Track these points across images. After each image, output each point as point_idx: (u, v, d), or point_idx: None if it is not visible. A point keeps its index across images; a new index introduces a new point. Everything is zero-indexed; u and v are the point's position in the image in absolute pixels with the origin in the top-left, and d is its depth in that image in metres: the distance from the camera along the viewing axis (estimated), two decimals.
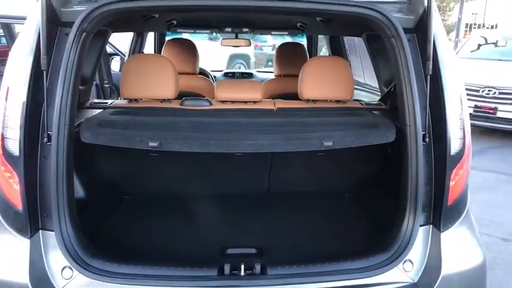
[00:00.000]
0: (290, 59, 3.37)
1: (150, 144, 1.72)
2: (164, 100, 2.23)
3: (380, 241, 1.83)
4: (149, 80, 2.18)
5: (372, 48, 2.50)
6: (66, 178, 1.59)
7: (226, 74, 4.86)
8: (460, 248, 1.76)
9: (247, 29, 3.90)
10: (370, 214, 2.15)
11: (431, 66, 1.67)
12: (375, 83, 3.74)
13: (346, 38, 3.48)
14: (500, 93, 6.47)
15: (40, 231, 1.60)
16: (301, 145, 1.81)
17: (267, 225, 2.13)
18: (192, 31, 3.99)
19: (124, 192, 2.43)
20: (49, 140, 1.57)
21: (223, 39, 4.30)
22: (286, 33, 4.03)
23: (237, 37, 4.15)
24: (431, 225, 1.77)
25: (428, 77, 1.69)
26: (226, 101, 2.27)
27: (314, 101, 2.27)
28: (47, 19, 1.54)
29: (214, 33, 8.54)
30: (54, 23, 1.65)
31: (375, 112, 2.24)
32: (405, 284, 1.72)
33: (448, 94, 1.70)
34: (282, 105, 2.27)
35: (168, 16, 3.01)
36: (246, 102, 2.27)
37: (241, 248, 1.90)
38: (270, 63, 9.26)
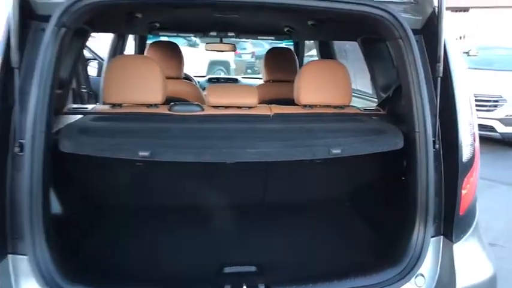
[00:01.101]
0: (279, 64, 3.26)
1: (141, 153, 1.54)
2: (151, 105, 2.06)
3: (388, 254, 1.72)
4: (134, 84, 2.00)
5: (368, 52, 2.42)
6: (42, 193, 1.40)
7: (210, 80, 4.71)
8: (472, 260, 1.67)
9: (232, 33, 3.79)
10: (374, 225, 2.04)
11: (441, 68, 1.59)
12: (366, 89, 3.69)
13: (336, 43, 3.41)
14: (476, 100, 6.57)
15: (9, 256, 1.40)
16: (308, 153, 1.68)
17: (266, 240, 1.98)
18: (175, 34, 3.83)
19: (107, 206, 2.24)
20: (21, 149, 1.37)
21: (207, 43, 4.15)
22: (273, 38, 3.93)
23: (221, 41, 4.02)
24: (441, 236, 1.68)
25: (439, 79, 1.60)
26: (219, 106, 2.12)
27: (311, 106, 2.16)
28: (19, 11, 1.37)
29: (193, 39, 8.45)
30: (29, 16, 1.47)
31: (374, 118, 2.15)
32: None
33: (459, 97, 1.62)
34: (278, 110, 2.14)
35: (151, 17, 2.85)
36: (240, 107, 2.13)
37: (241, 265, 1.74)
38: (249, 71, 9.19)
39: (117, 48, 3.52)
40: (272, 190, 2.37)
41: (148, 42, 3.76)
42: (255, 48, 10.18)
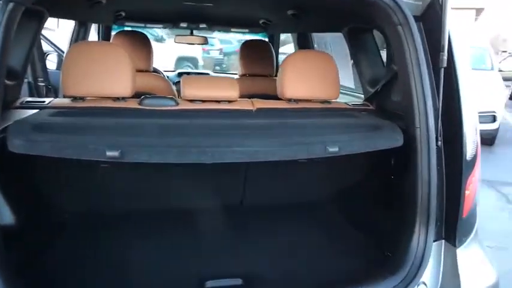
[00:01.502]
0: (256, 57, 3.07)
1: (108, 153, 1.30)
2: (118, 99, 1.82)
3: (387, 262, 1.58)
4: (99, 74, 1.75)
5: (355, 44, 2.27)
6: None
7: (180, 74, 4.44)
8: (476, 265, 1.56)
9: (204, 25, 3.57)
10: (369, 230, 1.89)
11: (445, 58, 1.45)
12: (347, 83, 3.57)
13: (315, 36, 3.26)
14: None
15: None
16: (303, 151, 1.50)
17: (249, 248, 1.80)
18: (143, 25, 3.55)
19: (66, 214, 1.97)
20: None
21: (177, 35, 3.90)
22: (247, 31, 3.73)
23: (192, 34, 3.78)
24: (443, 241, 1.56)
25: (442, 70, 1.47)
26: (195, 100, 1.91)
27: (296, 100, 1.98)
28: None
29: (160, 34, 8.09)
30: None
31: (364, 113, 2.00)
32: None
33: (463, 90, 1.50)
34: (261, 105, 1.95)
35: (116, 4, 2.58)
36: (218, 101, 1.93)
37: (224, 278, 1.55)
38: (217, 67, 8.95)
39: (78, 39, 3.20)
40: (251, 191, 2.19)
41: (113, 33, 3.48)
42: (222, 44, 9.93)
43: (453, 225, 1.52)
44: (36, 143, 1.33)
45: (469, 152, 1.50)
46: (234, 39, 8.59)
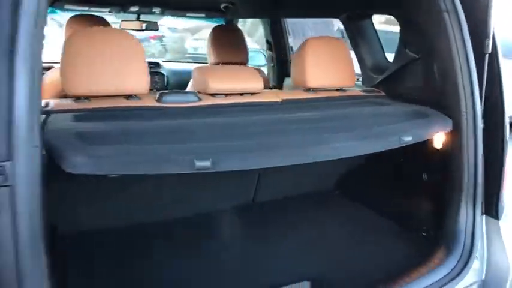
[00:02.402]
0: (228, 44, 2.90)
1: (199, 164, 1.10)
2: (131, 96, 1.56)
3: (438, 243, 1.63)
4: (109, 67, 1.48)
5: (354, 30, 2.27)
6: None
7: None
8: None
9: (158, 9, 3.27)
10: (403, 213, 1.93)
11: (491, 43, 1.53)
12: None
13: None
14: None
15: None
16: (381, 143, 1.44)
17: (299, 247, 1.72)
18: (86, 8, 3.10)
19: (61, 232, 1.65)
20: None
21: (122, 21, 3.49)
22: (203, 15, 3.48)
23: (139, 18, 3.43)
24: (484, 216, 1.67)
25: (487, 56, 1.54)
26: (217, 94, 1.73)
27: (315, 90, 1.93)
28: None
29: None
30: None
31: (373, 100, 2.02)
32: (473, 283, 1.57)
33: (504, 74, 1.59)
34: (285, 96, 1.85)
35: None
36: (241, 94, 1.78)
37: (291, 283, 1.47)
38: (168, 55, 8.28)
39: None
40: (265, 187, 2.10)
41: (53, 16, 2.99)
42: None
43: (495, 200, 1.63)
44: (101, 160, 1.06)
45: (507, 133, 1.62)
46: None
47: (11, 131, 0.83)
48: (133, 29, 3.55)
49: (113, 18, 3.59)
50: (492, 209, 1.65)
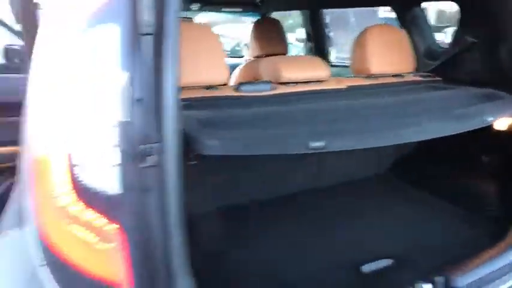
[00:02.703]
0: (270, 37, 2.95)
1: (313, 145, 1.18)
2: (211, 87, 1.63)
3: (500, 225, 1.66)
4: (193, 59, 1.56)
5: (407, 18, 2.31)
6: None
7: None
8: None
9: (197, 5, 3.31)
10: (454, 195, 1.96)
11: None
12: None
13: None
14: None
15: None
16: (466, 124, 1.47)
17: (361, 229, 1.79)
18: None
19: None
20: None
21: None
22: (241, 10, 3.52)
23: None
24: None
25: None
26: (288, 83, 1.80)
27: (376, 76, 1.97)
28: None
29: None
30: None
31: (435, 85, 2.05)
32: None
33: None
34: (349, 82, 1.90)
35: None
36: (307, 82, 1.84)
37: (376, 260, 1.52)
38: None
39: None
40: (325, 170, 2.17)
41: None
42: None
43: None
44: (230, 142, 1.17)
45: None
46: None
47: (160, 115, 0.88)
48: None
49: None
50: None
